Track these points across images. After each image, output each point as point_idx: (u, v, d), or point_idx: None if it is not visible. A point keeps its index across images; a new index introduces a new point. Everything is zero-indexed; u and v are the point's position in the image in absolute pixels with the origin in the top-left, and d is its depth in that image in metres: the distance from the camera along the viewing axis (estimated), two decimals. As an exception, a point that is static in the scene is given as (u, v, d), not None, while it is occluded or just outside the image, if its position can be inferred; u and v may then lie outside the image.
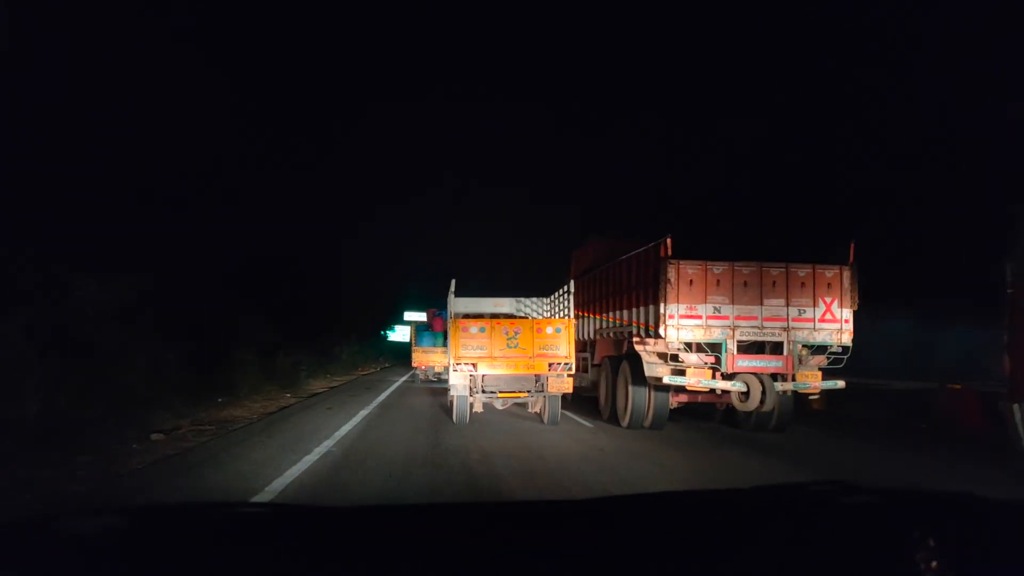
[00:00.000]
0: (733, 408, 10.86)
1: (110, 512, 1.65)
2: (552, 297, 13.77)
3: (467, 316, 12.15)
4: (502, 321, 11.67)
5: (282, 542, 1.37)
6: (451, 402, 11.70)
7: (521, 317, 12.85)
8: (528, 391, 11.22)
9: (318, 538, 1.41)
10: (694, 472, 7.53)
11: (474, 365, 10.93)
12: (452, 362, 11.17)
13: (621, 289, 11.19)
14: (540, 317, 12.90)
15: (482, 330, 11.11)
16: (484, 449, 8.55)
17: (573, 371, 11.32)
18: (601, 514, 1.68)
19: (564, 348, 11.04)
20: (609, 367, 11.96)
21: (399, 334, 45.75)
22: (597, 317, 12.66)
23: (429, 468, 7.24)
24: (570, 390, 11.21)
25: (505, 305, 13.58)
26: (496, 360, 10.98)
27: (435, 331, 21.03)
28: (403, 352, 45.30)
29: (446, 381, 15.33)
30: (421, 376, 22.47)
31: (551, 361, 10.96)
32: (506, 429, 10.86)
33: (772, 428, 10.27)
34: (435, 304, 25.77)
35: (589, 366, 13.48)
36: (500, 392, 11.24)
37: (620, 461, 7.95)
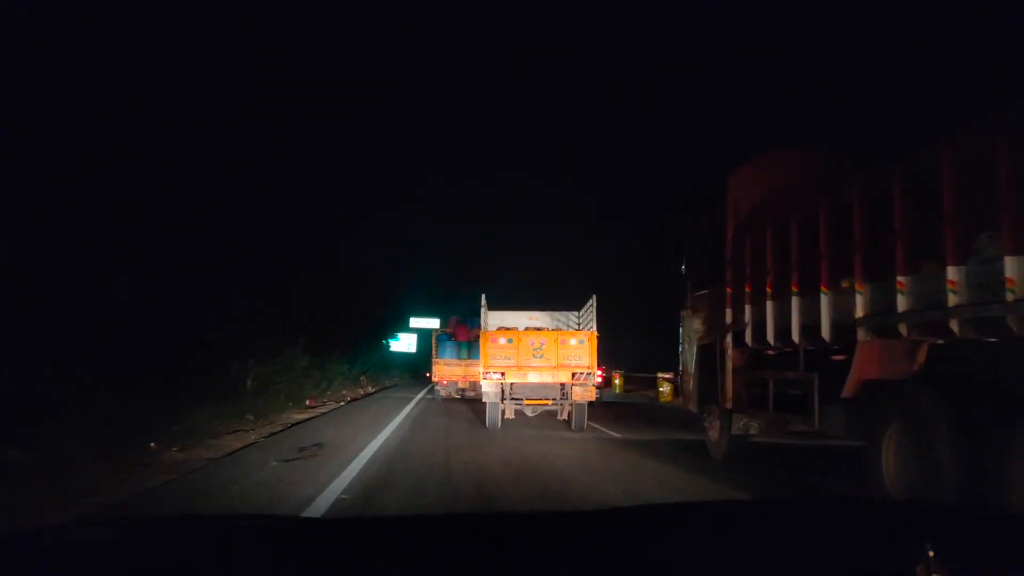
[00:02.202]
0: None
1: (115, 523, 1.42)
2: (581, 311, 13.89)
3: (500, 328, 12.89)
4: (529, 333, 12.44)
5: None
6: (484, 409, 11.96)
7: (549, 329, 13.57)
8: (553, 399, 11.79)
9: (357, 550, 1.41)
10: None
11: (503, 374, 11.65)
12: (483, 371, 11.89)
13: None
14: (566, 329, 13.64)
15: (510, 341, 11.97)
16: None
17: (597, 380, 12.35)
18: (599, 525, 1.69)
19: (586, 359, 11.78)
20: (938, 410, 4.75)
21: (403, 343, 38.92)
22: (859, 289, 5.56)
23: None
24: (593, 398, 11.93)
25: (537, 319, 14.40)
26: (523, 369, 11.73)
27: (459, 341, 18.42)
28: (407, 364, 37.76)
29: (472, 398, 17.05)
30: (443, 392, 18.95)
31: (574, 371, 11.64)
32: None
33: None
34: (452, 310, 22.80)
35: (814, 400, 6.23)
36: (527, 399, 11.83)
37: None
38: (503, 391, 11.63)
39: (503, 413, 11.79)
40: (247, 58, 28.18)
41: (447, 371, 18.56)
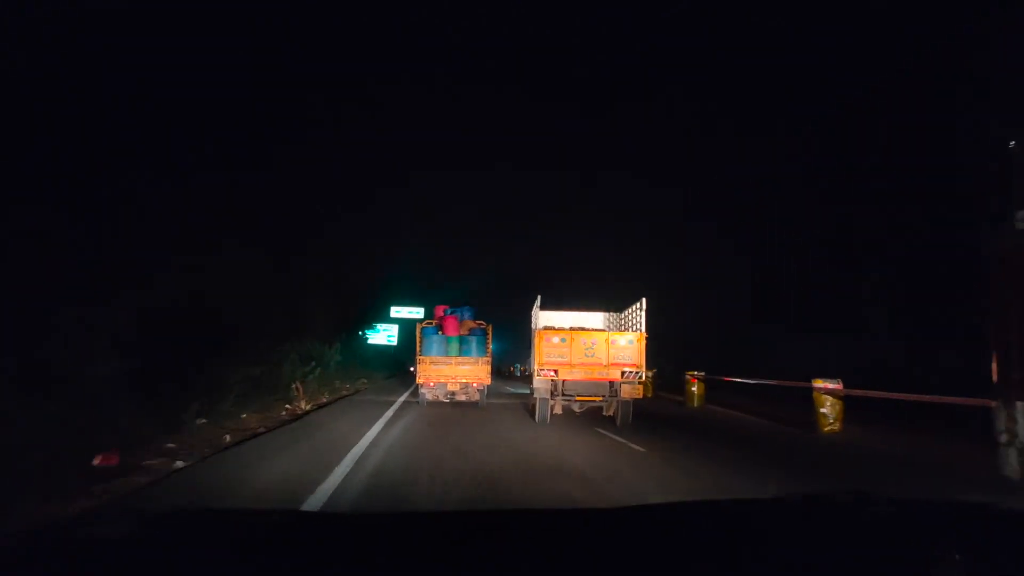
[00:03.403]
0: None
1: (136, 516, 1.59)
2: (625, 312, 14.17)
3: (548, 327, 13.49)
4: (580, 332, 12.98)
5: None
6: (533, 404, 12.78)
7: (598, 330, 14.19)
8: (603, 396, 12.48)
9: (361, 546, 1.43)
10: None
11: (555, 371, 12.32)
12: (535, 368, 12.58)
13: None
14: (614, 330, 14.23)
15: (563, 340, 12.56)
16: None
17: (643, 379, 12.53)
18: (615, 522, 1.72)
19: (635, 358, 12.33)
20: None
21: (383, 336, 37.06)
22: None
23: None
24: (640, 396, 12.38)
25: (582, 319, 15.09)
26: (575, 367, 12.37)
27: (447, 335, 15.93)
28: (387, 359, 36.90)
29: (465, 403, 15.98)
30: (428, 396, 15.70)
31: (624, 369, 12.25)
32: None
33: None
34: (437, 298, 20.74)
35: None
36: (577, 396, 12.55)
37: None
38: (554, 388, 12.35)
39: (552, 409, 12.60)
40: (247, 58, 27.01)
41: (433, 371, 15.44)
